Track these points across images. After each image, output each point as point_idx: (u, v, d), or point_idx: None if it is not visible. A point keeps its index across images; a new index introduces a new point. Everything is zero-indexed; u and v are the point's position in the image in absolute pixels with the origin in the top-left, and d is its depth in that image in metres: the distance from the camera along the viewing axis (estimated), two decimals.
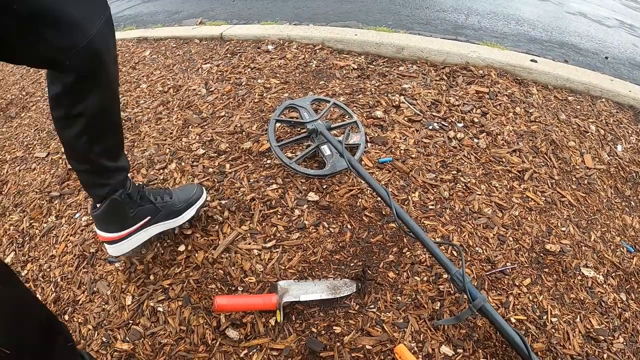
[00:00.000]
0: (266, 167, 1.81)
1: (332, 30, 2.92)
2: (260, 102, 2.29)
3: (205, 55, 3.08)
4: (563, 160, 1.87)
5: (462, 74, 2.41)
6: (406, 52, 2.60)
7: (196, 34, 3.49)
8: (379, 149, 1.85)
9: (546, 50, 3.03)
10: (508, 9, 4.08)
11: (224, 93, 2.44)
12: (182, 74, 2.87)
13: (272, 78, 2.50)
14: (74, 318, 1.48)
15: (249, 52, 2.92)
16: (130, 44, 3.81)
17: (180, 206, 1.51)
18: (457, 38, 2.94)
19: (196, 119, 2.27)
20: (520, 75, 2.44)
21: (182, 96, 2.56)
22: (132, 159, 2.12)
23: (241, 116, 2.19)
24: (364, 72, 2.47)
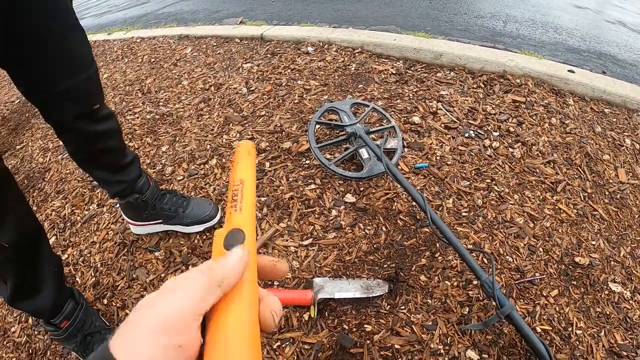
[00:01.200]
0: (305, 167, 1.88)
1: (371, 34, 2.97)
2: (300, 103, 2.36)
3: (246, 54, 3.16)
4: (596, 174, 1.89)
5: (499, 83, 2.43)
6: (444, 59, 2.64)
7: (236, 34, 3.57)
8: (416, 154, 1.90)
9: (584, 60, 3.02)
10: (546, 17, 4.07)
11: (264, 93, 2.52)
12: (223, 72, 2.96)
13: (311, 80, 2.57)
14: (112, 302, 1.58)
15: (289, 53, 2.98)
16: (172, 41, 3.91)
17: (189, 221, 1.63)
18: (495, 46, 2.95)
19: (237, 117, 2.35)
20: (557, 86, 2.44)
21: (223, 94, 2.65)
22: (174, 153, 2.21)
23: (281, 116, 2.26)
24: (402, 77, 2.52)
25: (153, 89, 3.01)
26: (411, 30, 3.10)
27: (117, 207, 1.95)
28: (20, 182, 2.43)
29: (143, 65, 3.54)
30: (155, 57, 3.65)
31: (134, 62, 3.68)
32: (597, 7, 4.78)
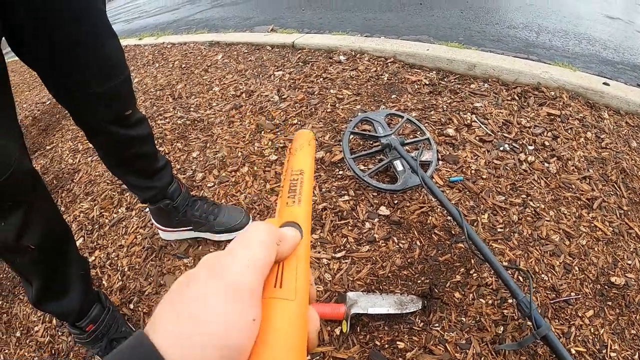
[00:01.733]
0: (338, 177, 1.89)
1: (403, 44, 2.97)
2: (332, 112, 2.37)
3: (277, 62, 3.18)
4: (633, 190, 1.87)
5: (533, 95, 2.41)
6: (478, 70, 2.63)
7: (268, 41, 3.60)
8: (450, 167, 1.90)
9: (618, 72, 2.98)
10: (578, 27, 4.03)
11: (296, 101, 2.53)
12: (254, 79, 2.98)
13: (344, 89, 2.57)
14: (138, 308, 1.60)
15: (320, 62, 3.00)
16: (202, 47, 3.97)
17: (219, 229, 1.64)
18: (529, 57, 2.92)
19: (269, 125, 2.37)
20: (592, 99, 2.41)
21: (254, 101, 2.67)
22: (204, 159, 2.24)
23: (314, 125, 2.27)
24: (435, 88, 2.52)
25: (184, 94, 3.05)
26: (444, 41, 3.09)
27: (146, 212, 1.98)
28: (49, 182, 2.48)
29: (174, 70, 3.59)
30: (186, 62, 3.69)
31: (164, 67, 3.73)
32: (628, 18, 4.72)
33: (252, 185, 1.96)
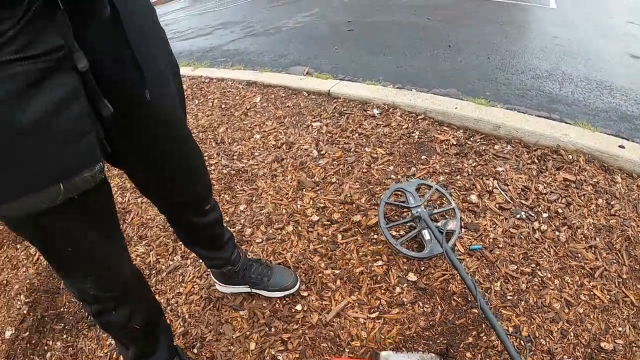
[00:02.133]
0: (373, 242, 2.33)
1: (433, 100, 3.41)
2: (367, 172, 2.82)
3: (314, 111, 3.64)
4: (634, 258, 2.24)
5: (552, 158, 2.81)
6: (502, 131, 3.04)
7: (304, 87, 4.06)
8: (471, 235, 2.32)
9: (636, 130, 3.31)
10: (601, 73, 4.41)
11: (334, 158, 2.98)
12: (293, 129, 3.44)
13: (378, 147, 3.02)
14: (202, 352, 2.04)
15: (356, 114, 3.45)
16: (240, 87, 4.45)
17: (272, 289, 2.10)
18: (551, 115, 3.32)
19: (309, 182, 2.82)
20: (606, 162, 2.77)
21: (294, 154, 3.12)
22: (251, 214, 2.69)
23: (351, 185, 2.72)
24: (462, 149, 2.94)
25: (226, 139, 3.52)
26: (471, 96, 3.53)
27: (200, 262, 2.41)
28: None
29: (214, 110, 4.07)
30: (225, 102, 4.17)
31: (204, 105, 4.21)
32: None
33: (297, 245, 2.41)
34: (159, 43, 1.19)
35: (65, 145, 0.83)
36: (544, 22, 7.59)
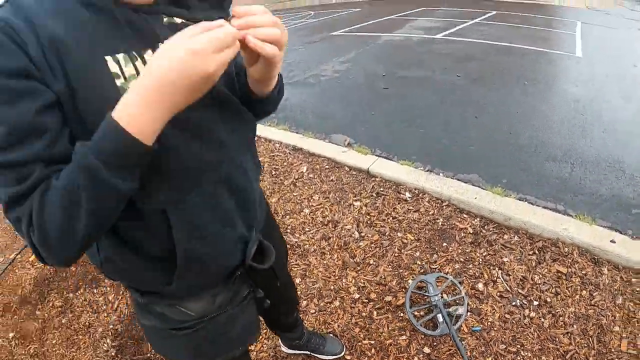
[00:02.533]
0: (400, 319, 3.26)
1: (457, 189, 4.33)
2: (398, 256, 3.75)
3: (355, 189, 4.60)
4: (603, 344, 2.94)
5: (550, 250, 3.65)
6: (512, 222, 3.94)
7: (346, 161, 5.04)
8: (475, 318, 3.21)
9: (632, 221, 3.99)
10: (613, 149, 5.22)
11: (372, 241, 3.93)
12: (337, 206, 4.40)
13: (408, 233, 3.96)
14: None
15: (390, 196, 4.40)
16: (287, 151, 5.45)
17: (326, 354, 3.02)
18: (557, 206, 4.16)
19: (352, 262, 3.76)
20: (597, 255, 3.40)
21: (339, 234, 4.07)
22: (306, 287, 3.61)
23: (385, 268, 3.66)
24: (477, 237, 3.86)
25: (280, 210, 4.49)
26: (490, 183, 4.44)
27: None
28: None
29: (265, 176, 5.04)
30: (275, 168, 5.16)
31: None
32: None
33: (342, 317, 3.33)
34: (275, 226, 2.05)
35: (244, 330, 1.72)
36: (568, 77, 8.40)
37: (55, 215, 0.88)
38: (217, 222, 1.25)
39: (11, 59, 0.86)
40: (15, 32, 0.87)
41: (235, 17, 0.92)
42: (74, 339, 3.65)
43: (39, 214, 0.88)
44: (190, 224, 1.17)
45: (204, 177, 1.16)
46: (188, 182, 1.13)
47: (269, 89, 1.22)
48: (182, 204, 1.13)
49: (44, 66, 0.89)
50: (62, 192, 0.87)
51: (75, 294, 4.18)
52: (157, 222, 1.13)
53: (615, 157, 5.14)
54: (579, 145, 5.43)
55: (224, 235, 1.29)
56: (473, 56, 9.71)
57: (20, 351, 3.71)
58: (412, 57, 10.02)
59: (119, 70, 0.97)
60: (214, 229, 1.24)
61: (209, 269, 1.30)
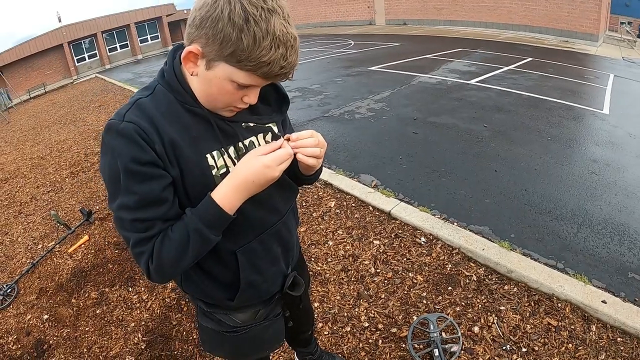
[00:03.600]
0: (401, 349, 3.65)
1: (467, 239, 4.73)
2: (407, 294, 4.17)
3: (376, 228, 5.04)
4: None
5: (545, 304, 3.93)
6: (514, 275, 4.29)
7: (371, 202, 5.50)
8: (467, 356, 3.51)
9: (625, 284, 4.23)
10: (621, 213, 5.46)
11: (386, 278, 4.36)
12: (358, 242, 4.84)
13: (419, 274, 4.38)
14: None
15: (407, 239, 4.84)
16: (319, 185, 5.94)
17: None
18: (557, 264, 4.51)
19: (365, 295, 4.20)
20: (588, 313, 3.59)
21: (357, 267, 4.50)
22: (323, 311, 4.03)
23: (394, 303, 4.09)
24: (479, 286, 4.24)
25: (307, 240, 4.95)
26: (499, 237, 4.85)
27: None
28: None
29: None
30: (306, 200, 5.64)
31: None
32: None
33: (351, 342, 3.73)
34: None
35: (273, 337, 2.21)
36: (590, 135, 8.66)
37: (170, 255, 1.36)
38: (269, 262, 1.80)
39: (144, 152, 1.28)
40: (145, 133, 1.29)
41: (290, 140, 1.45)
42: (106, 329, 4.11)
43: (158, 254, 1.36)
44: (251, 263, 1.70)
45: (263, 232, 1.70)
46: (252, 234, 1.66)
47: (310, 172, 1.74)
48: (247, 249, 1.66)
49: (164, 159, 1.33)
50: (176, 243, 1.36)
51: (111, 289, 4.70)
52: (229, 260, 1.65)
53: (621, 221, 5.37)
54: (588, 207, 5.71)
55: (272, 271, 1.85)
56: (502, 107, 9.89)
57: (53, 332, 4.18)
58: (444, 103, 10.34)
59: (214, 163, 1.46)
60: (266, 267, 1.79)
61: (259, 293, 1.82)
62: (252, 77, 1.28)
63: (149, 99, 1.40)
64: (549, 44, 25.44)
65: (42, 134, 13.37)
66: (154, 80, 1.48)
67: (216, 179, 1.46)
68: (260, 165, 1.35)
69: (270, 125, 1.67)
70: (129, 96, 8.45)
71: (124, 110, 1.35)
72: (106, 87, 20.87)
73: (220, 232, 1.43)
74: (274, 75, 1.28)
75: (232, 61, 1.24)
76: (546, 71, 15.67)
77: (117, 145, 1.29)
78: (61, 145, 10.85)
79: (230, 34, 1.18)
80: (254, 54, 1.19)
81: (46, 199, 7.51)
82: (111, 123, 1.31)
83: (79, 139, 10.97)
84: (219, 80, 1.31)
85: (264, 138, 1.66)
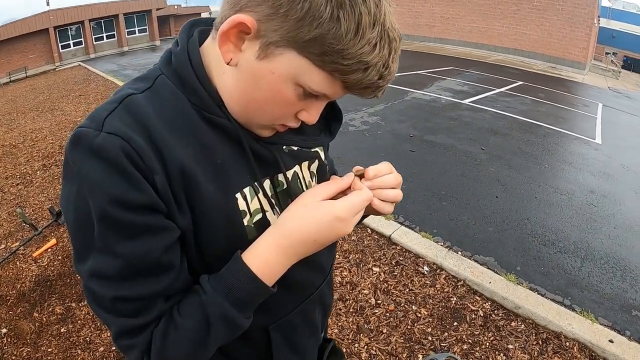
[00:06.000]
0: None
1: (473, 270, 4.53)
2: (411, 329, 3.94)
3: (375, 254, 4.80)
4: None
5: (553, 343, 3.84)
6: (521, 311, 4.12)
7: (369, 224, 5.23)
8: None
9: (630, 323, 4.17)
10: (621, 247, 5.45)
11: (388, 310, 4.12)
12: (357, 268, 4.60)
13: (422, 307, 4.16)
14: None
15: (409, 267, 4.61)
16: None
17: None
18: (564, 301, 4.37)
19: (365, 328, 3.95)
20: (595, 352, 3.64)
21: (356, 297, 4.27)
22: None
23: (397, 338, 3.85)
24: (486, 321, 4.05)
25: None
26: (505, 269, 4.66)
27: None
28: None
29: None
30: None
31: None
32: None
33: None
34: None
35: None
36: (586, 165, 8.68)
37: (180, 352, 0.89)
38: (308, 334, 1.28)
39: (136, 188, 0.79)
40: (138, 155, 0.79)
41: (365, 176, 0.99)
42: (72, 351, 3.63)
43: (160, 352, 0.88)
44: (288, 340, 1.19)
45: (306, 299, 1.19)
46: (292, 304, 1.16)
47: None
48: (285, 324, 1.15)
49: (169, 199, 0.84)
50: (188, 334, 0.88)
51: (78, 304, 4.22)
52: (257, 338, 1.13)
53: (622, 256, 5.34)
54: (590, 240, 5.64)
55: (311, 344, 1.33)
56: (497, 130, 10.14)
57: (11, 350, 3.69)
58: (439, 122, 10.39)
59: (245, 207, 0.95)
60: (305, 341, 1.27)
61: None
62: (333, 83, 0.82)
63: (145, 96, 0.88)
64: (538, 68, 26.01)
65: (18, 120, 12.74)
66: (153, 68, 0.97)
67: (249, 232, 0.97)
68: (331, 217, 0.89)
69: (317, 150, 1.18)
70: (112, 89, 8.09)
71: (105, 113, 0.83)
72: (89, 77, 20.57)
73: (253, 310, 0.96)
74: (365, 86, 0.83)
75: (311, 52, 0.77)
76: (537, 96, 15.96)
77: (89, 174, 0.78)
78: (36, 134, 10.30)
79: (322, 7, 0.72)
80: (353, 47, 0.75)
81: (14, 192, 6.93)
82: (82, 133, 0.80)
83: (55, 129, 10.40)
84: (276, 79, 0.82)
85: (308, 168, 1.16)
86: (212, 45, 0.91)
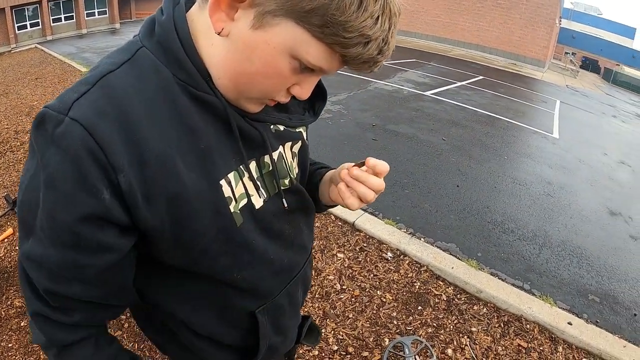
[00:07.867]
0: None
1: (435, 256, 4.61)
2: (376, 314, 3.99)
3: (339, 240, 4.83)
4: None
5: (514, 325, 3.91)
6: (483, 295, 4.21)
7: (333, 210, 5.24)
8: None
9: (587, 306, 4.34)
10: (577, 235, 5.65)
11: (353, 295, 4.16)
12: (321, 254, 4.61)
13: (387, 292, 4.21)
14: None
15: (373, 253, 4.66)
16: None
17: None
18: (524, 285, 4.46)
19: (332, 314, 3.98)
20: (555, 334, 3.70)
21: (321, 283, 4.28)
22: None
23: (363, 323, 3.90)
24: (449, 305, 4.12)
25: None
26: (467, 255, 4.76)
27: None
28: None
29: None
30: None
31: None
32: (628, 214, 6.63)
33: None
34: None
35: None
36: (544, 157, 8.94)
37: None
38: (292, 315, 1.30)
39: (88, 194, 0.74)
40: (101, 149, 0.72)
41: (366, 164, 1.07)
42: (33, 346, 3.34)
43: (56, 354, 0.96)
44: (274, 323, 1.19)
45: (291, 280, 1.19)
46: (278, 287, 1.15)
47: (335, 205, 1.28)
48: (271, 307, 1.15)
49: (134, 199, 0.78)
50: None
51: None
52: (243, 321, 1.13)
53: (578, 244, 5.55)
54: (548, 228, 5.83)
55: (293, 325, 1.36)
56: (458, 122, 10.34)
57: None
58: (401, 112, 10.54)
59: (231, 193, 0.90)
60: (288, 323, 1.29)
61: (277, 352, 1.31)
62: (332, 56, 0.78)
63: (123, 75, 0.79)
64: (499, 64, 26.54)
65: None
66: (133, 40, 0.88)
67: (236, 218, 0.92)
68: None
69: (300, 131, 1.14)
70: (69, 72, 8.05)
71: (75, 95, 0.75)
72: (45, 59, 19.59)
73: None
74: (363, 60, 0.78)
75: (311, 23, 0.72)
76: (497, 90, 16.28)
77: (48, 163, 0.73)
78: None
79: None
80: (356, 20, 0.70)
81: None
82: (46, 115, 0.73)
83: (10, 114, 9.61)
84: (271, 51, 0.76)
85: (290, 148, 1.11)
86: (199, 14, 0.84)
